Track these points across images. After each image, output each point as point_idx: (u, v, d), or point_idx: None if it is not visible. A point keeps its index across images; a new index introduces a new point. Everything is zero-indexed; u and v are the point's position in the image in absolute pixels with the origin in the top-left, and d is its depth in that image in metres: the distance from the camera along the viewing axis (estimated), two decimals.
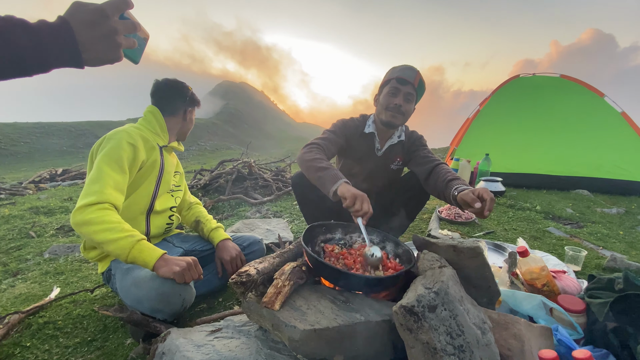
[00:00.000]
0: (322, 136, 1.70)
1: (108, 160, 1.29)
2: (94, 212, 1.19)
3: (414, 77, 1.61)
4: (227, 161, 5.16)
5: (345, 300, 1.01)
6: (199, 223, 1.73)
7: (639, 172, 4.04)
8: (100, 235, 1.17)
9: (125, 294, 1.29)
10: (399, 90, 1.63)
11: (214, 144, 23.77)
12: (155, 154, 1.46)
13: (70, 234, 2.84)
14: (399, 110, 1.63)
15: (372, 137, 1.78)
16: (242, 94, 68.87)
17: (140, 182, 1.43)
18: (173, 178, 1.61)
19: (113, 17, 0.62)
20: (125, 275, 1.30)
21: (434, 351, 0.72)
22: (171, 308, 1.24)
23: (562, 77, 4.83)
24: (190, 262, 1.26)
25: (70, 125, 19.47)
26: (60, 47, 0.57)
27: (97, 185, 1.24)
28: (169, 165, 1.54)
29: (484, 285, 1.02)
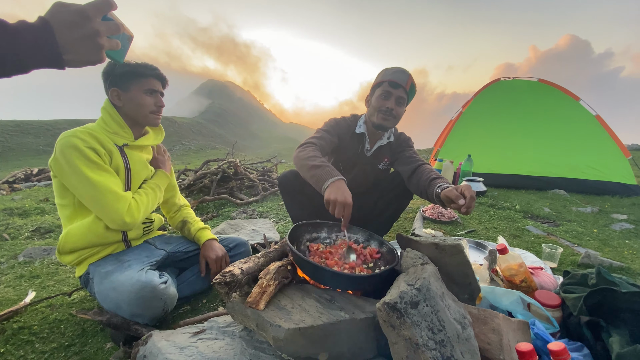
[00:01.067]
0: (317, 135, 1.69)
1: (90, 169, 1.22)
2: (134, 212, 1.30)
3: (406, 80, 1.63)
4: (212, 161, 5.09)
5: (330, 298, 1.02)
6: (186, 223, 1.66)
7: (612, 173, 4.23)
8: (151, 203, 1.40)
9: (103, 298, 1.25)
10: (390, 93, 1.64)
11: (198, 143, 23.39)
12: (115, 157, 1.32)
13: (46, 236, 2.73)
14: (390, 113, 1.65)
15: (362, 137, 1.79)
16: (228, 93, 68.03)
17: None
18: (149, 175, 1.50)
19: (95, 18, 0.61)
20: (104, 279, 1.26)
21: (416, 346, 0.74)
22: (152, 312, 1.21)
23: (540, 82, 5.00)
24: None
25: (47, 124, 18.77)
26: (40, 48, 0.56)
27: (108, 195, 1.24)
28: (137, 163, 1.40)
29: (465, 281, 1.05)
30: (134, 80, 1.34)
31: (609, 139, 4.40)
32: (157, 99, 1.40)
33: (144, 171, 1.45)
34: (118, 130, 1.36)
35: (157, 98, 1.41)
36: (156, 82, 1.39)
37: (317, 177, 1.35)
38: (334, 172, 1.34)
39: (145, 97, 1.36)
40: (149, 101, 1.37)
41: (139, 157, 1.42)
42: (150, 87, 1.37)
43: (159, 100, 1.41)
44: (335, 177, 1.31)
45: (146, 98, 1.36)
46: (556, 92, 4.82)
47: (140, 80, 1.35)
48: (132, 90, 1.34)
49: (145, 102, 1.36)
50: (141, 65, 1.36)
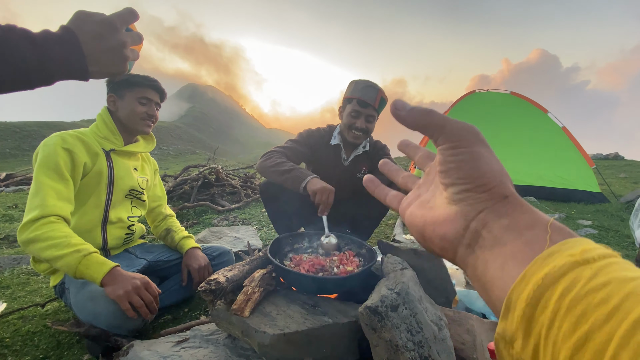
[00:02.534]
0: (284, 145, 1.75)
1: (45, 170, 1.20)
2: (38, 228, 1.13)
3: (375, 98, 1.67)
4: (192, 167, 5.02)
5: (314, 304, 1.04)
6: (169, 232, 1.63)
7: (577, 181, 4.50)
8: (47, 252, 1.12)
9: (80, 309, 1.21)
10: (360, 113, 1.69)
11: (177, 148, 22.89)
12: (100, 161, 1.33)
13: (15, 245, 2.61)
14: (361, 130, 1.72)
15: (338, 148, 1.84)
16: (209, 97, 67.10)
17: (89, 192, 1.33)
18: (136, 182, 1.48)
19: (122, 29, 0.60)
20: (81, 289, 1.23)
21: (395, 348, 0.78)
22: (131, 324, 1.19)
23: (512, 94, 5.28)
24: (138, 285, 1.16)
25: (15, 126, 17.82)
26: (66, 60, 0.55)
27: (37, 198, 1.17)
28: (121, 169, 1.41)
29: (442, 285, 1.11)
30: (130, 88, 1.40)
31: (574, 149, 4.69)
32: (149, 108, 1.44)
33: (127, 177, 1.44)
34: (108, 136, 1.40)
35: (149, 107, 1.45)
36: (152, 93, 1.45)
37: (292, 179, 1.44)
38: (307, 172, 1.44)
39: (138, 105, 1.41)
40: (141, 109, 1.42)
41: (124, 163, 1.44)
42: (144, 95, 1.42)
43: (151, 109, 1.45)
44: (311, 176, 1.42)
45: (138, 106, 1.41)
46: (527, 104, 5.10)
47: (135, 89, 1.41)
48: (126, 97, 1.40)
49: (137, 110, 1.41)
50: (140, 76, 1.43)
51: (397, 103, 0.30)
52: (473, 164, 0.26)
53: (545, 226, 0.23)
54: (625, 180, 6.78)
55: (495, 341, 0.22)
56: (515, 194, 0.26)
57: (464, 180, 0.26)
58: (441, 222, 0.27)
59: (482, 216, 0.25)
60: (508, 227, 0.24)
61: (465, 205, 0.26)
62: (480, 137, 0.27)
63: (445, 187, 0.27)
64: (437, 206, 0.29)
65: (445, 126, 0.27)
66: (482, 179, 0.25)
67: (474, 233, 0.25)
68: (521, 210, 0.24)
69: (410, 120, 0.29)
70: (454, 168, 0.26)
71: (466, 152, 0.26)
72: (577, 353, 0.16)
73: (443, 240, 0.27)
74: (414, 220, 0.30)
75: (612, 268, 0.18)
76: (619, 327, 0.15)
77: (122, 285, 1.14)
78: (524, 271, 0.20)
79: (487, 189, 0.25)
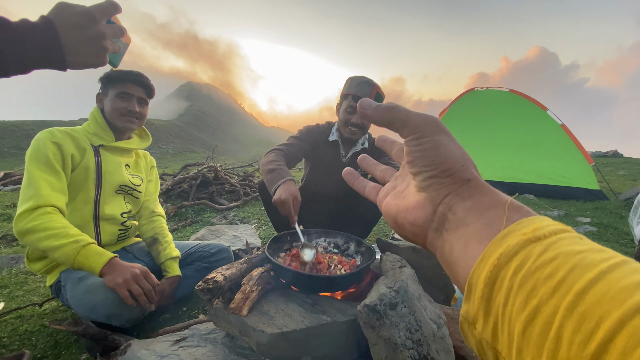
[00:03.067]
0: (286, 142, 1.76)
1: (36, 162, 1.21)
2: (36, 219, 1.13)
3: (369, 93, 1.67)
4: (191, 165, 5.01)
5: (313, 302, 1.04)
6: (156, 242, 1.53)
7: (576, 178, 4.50)
8: (45, 242, 1.11)
9: (77, 303, 1.21)
10: (355, 109, 1.69)
11: (176, 146, 22.83)
12: (87, 156, 1.33)
13: (13, 244, 2.60)
14: (357, 126, 1.72)
15: (336, 144, 1.85)
16: (208, 96, 66.92)
17: (78, 187, 1.32)
18: (126, 179, 1.45)
19: (101, 21, 0.60)
20: (78, 284, 1.23)
21: (394, 346, 0.77)
22: (129, 313, 1.18)
23: (511, 92, 5.27)
24: (137, 274, 1.16)
25: (14, 125, 17.77)
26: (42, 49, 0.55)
27: (31, 189, 1.17)
28: (110, 164, 1.39)
29: (441, 283, 1.10)
30: (112, 84, 1.38)
31: (573, 146, 4.69)
32: (129, 104, 1.39)
33: (116, 173, 1.42)
34: (98, 132, 1.39)
35: (129, 102, 1.40)
36: (133, 87, 1.40)
37: (269, 181, 1.44)
38: (284, 174, 1.42)
39: (118, 100, 1.38)
40: (120, 105, 1.38)
41: (114, 159, 1.42)
42: (124, 90, 1.38)
43: (131, 105, 1.40)
44: (284, 179, 1.39)
45: (118, 102, 1.38)
46: (526, 102, 5.09)
47: (117, 85, 1.38)
48: (109, 94, 1.39)
49: (117, 106, 1.38)
50: (122, 71, 1.39)
51: (364, 102, 0.32)
52: (435, 151, 0.27)
53: (504, 206, 0.24)
54: (624, 178, 6.79)
55: (460, 324, 0.23)
56: (478, 177, 0.27)
57: (428, 167, 0.27)
58: (411, 209, 0.29)
59: (447, 200, 0.26)
60: (470, 209, 0.25)
61: (432, 190, 0.27)
62: (441, 125, 0.28)
63: (413, 175, 0.29)
64: (409, 195, 0.30)
65: (408, 120, 0.29)
66: (444, 164, 0.27)
67: (441, 217, 0.26)
68: (483, 192, 0.26)
69: (377, 117, 0.31)
70: (418, 157, 0.28)
71: (428, 140, 0.27)
72: (529, 327, 0.17)
73: (414, 225, 0.28)
74: (389, 210, 0.32)
75: (561, 243, 0.19)
76: (563, 298, 0.16)
77: (121, 274, 1.14)
78: (482, 252, 0.21)
79: (450, 174, 0.26)
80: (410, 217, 0.29)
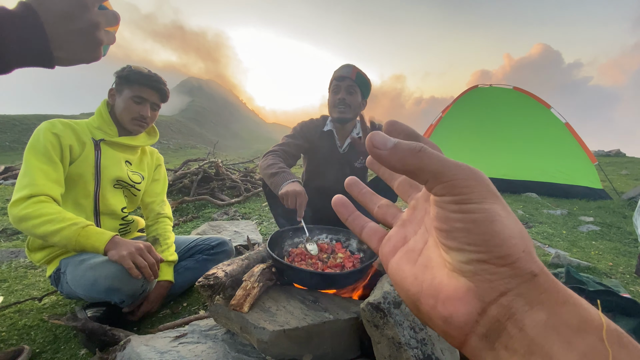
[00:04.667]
0: (281, 142, 1.79)
1: (34, 152, 1.21)
2: (29, 206, 1.13)
3: (351, 71, 1.72)
4: (192, 161, 4.99)
5: (315, 299, 1.02)
6: (156, 242, 1.48)
7: (580, 177, 4.47)
8: (41, 228, 1.12)
9: (77, 282, 1.22)
10: (339, 86, 1.74)
11: (177, 142, 22.83)
12: (87, 149, 1.32)
13: (13, 238, 2.59)
14: (343, 103, 1.73)
15: (331, 134, 1.87)
16: (210, 91, 66.78)
17: (77, 180, 1.31)
18: (125, 174, 1.42)
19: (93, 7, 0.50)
20: (79, 265, 1.24)
21: (398, 345, 0.76)
22: (131, 287, 1.19)
23: (515, 89, 5.23)
24: (141, 247, 1.19)
25: (14, 119, 17.76)
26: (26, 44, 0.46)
27: (26, 178, 1.18)
28: (109, 159, 1.37)
29: None
30: (128, 85, 1.37)
31: (577, 145, 4.65)
32: (142, 108, 1.39)
33: (115, 168, 1.39)
34: (102, 126, 1.38)
35: (143, 107, 1.39)
36: (149, 92, 1.39)
37: (275, 184, 1.46)
38: (288, 176, 1.45)
39: (132, 103, 1.37)
40: (134, 108, 1.38)
41: (113, 154, 1.40)
42: (140, 94, 1.37)
43: (144, 110, 1.40)
44: (289, 180, 1.42)
45: (132, 105, 1.37)
46: (530, 99, 5.05)
47: (133, 87, 1.36)
48: (124, 93, 1.37)
49: (130, 109, 1.38)
50: (139, 73, 1.37)
51: (375, 138, 0.22)
52: (488, 226, 0.19)
53: (598, 331, 0.17)
54: (627, 177, 6.75)
55: None
56: (545, 269, 0.20)
57: (477, 248, 0.19)
58: (445, 297, 0.21)
59: (506, 301, 0.19)
60: (547, 326, 0.18)
61: (480, 281, 0.19)
62: (492, 187, 0.21)
63: (448, 249, 0.21)
64: (436, 268, 0.22)
65: (444, 172, 0.20)
66: (501, 249, 0.19)
67: (495, 323, 0.19)
68: (558, 298, 0.18)
69: (395, 162, 0.21)
70: (461, 229, 0.20)
71: (477, 209, 0.19)
72: None
73: (447, 323, 0.21)
74: (403, 280, 0.24)
75: None
76: None
77: (126, 247, 1.17)
78: None
79: (509, 262, 0.19)
80: (444, 310, 0.21)
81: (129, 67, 1.39)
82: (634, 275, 1.99)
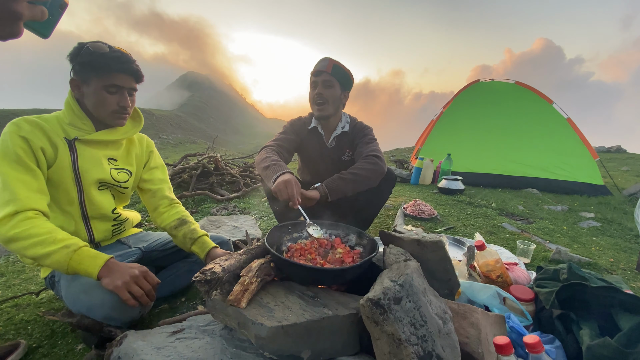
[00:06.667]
0: (274, 138, 1.79)
1: (7, 161, 1.07)
2: (17, 225, 1.02)
3: (326, 65, 1.70)
4: (191, 155, 4.96)
5: (314, 295, 1.01)
6: (184, 222, 1.42)
7: (580, 173, 4.45)
8: (32, 250, 1.03)
9: (73, 302, 1.14)
10: (316, 82, 1.73)
11: (177, 137, 22.75)
12: (60, 152, 1.17)
13: None
14: (321, 98, 1.73)
15: (316, 131, 1.88)
16: (209, 86, 66.32)
17: (56, 187, 1.19)
18: (108, 175, 1.29)
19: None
20: (72, 282, 1.16)
21: (398, 342, 0.74)
22: (127, 315, 1.13)
23: (517, 84, 5.18)
24: (136, 274, 1.10)
25: (13, 113, 17.69)
26: None
27: (6, 192, 1.05)
28: (87, 161, 1.22)
29: (445, 277, 1.07)
30: (96, 73, 1.15)
31: (578, 141, 4.62)
32: (121, 98, 1.21)
33: (96, 170, 1.25)
34: (75, 122, 1.21)
35: (121, 97, 1.21)
36: (123, 78, 1.19)
37: (267, 177, 1.44)
38: (279, 168, 1.42)
39: (106, 94, 1.18)
40: (111, 100, 1.19)
41: (92, 153, 1.24)
42: (113, 83, 1.18)
43: (123, 99, 1.22)
44: (280, 172, 1.39)
45: (107, 96, 1.18)
46: (531, 94, 5.01)
47: (102, 75, 1.15)
48: (92, 83, 1.17)
49: (106, 101, 1.19)
50: (104, 56, 1.14)
51: None
52: None
53: None
54: (628, 174, 6.73)
55: None
56: None
57: None
58: None
59: None
60: None
61: None
62: None
63: None
64: None
65: None
66: None
67: None
68: None
69: None
70: None
71: None
72: None
73: None
74: None
75: None
76: None
77: (120, 276, 1.07)
78: None
79: None
80: None
81: (88, 49, 1.14)
82: (635, 272, 1.98)
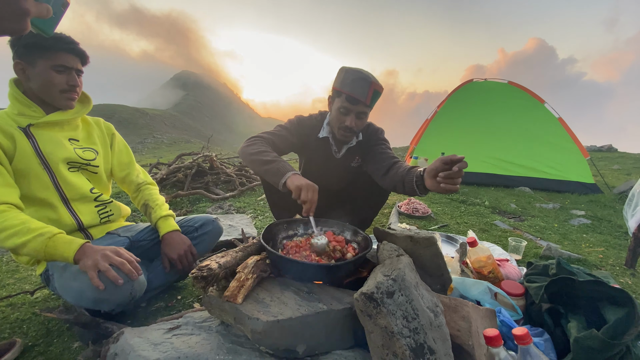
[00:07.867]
0: (272, 131, 1.61)
1: None
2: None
3: (366, 93, 1.45)
4: (186, 154, 4.94)
5: (309, 290, 1.03)
6: (147, 208, 1.45)
7: (572, 172, 4.52)
8: (9, 242, 1.05)
9: (65, 291, 1.16)
10: (349, 110, 1.50)
11: (171, 136, 22.59)
12: (18, 141, 1.17)
13: None
14: (351, 131, 1.56)
15: (327, 141, 1.70)
16: (204, 85, 65.91)
17: (25, 175, 1.19)
18: (73, 154, 1.29)
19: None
20: (64, 272, 1.17)
21: (391, 335, 0.76)
22: (118, 296, 1.11)
23: (510, 84, 5.24)
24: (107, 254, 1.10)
25: None
26: None
27: None
28: (48, 143, 1.23)
29: (438, 273, 1.09)
30: (41, 54, 1.16)
31: (570, 140, 4.69)
32: (69, 77, 1.22)
33: (59, 150, 1.25)
34: (24, 110, 1.21)
35: (70, 76, 1.22)
36: (70, 58, 1.21)
37: (273, 171, 1.33)
38: (289, 166, 1.34)
39: (54, 74, 1.19)
40: (59, 79, 1.20)
41: (51, 136, 1.25)
42: (60, 62, 1.19)
43: (72, 79, 1.23)
44: (292, 172, 1.32)
45: (55, 76, 1.19)
46: (524, 94, 5.07)
47: (49, 55, 1.17)
48: (38, 65, 1.17)
49: (54, 81, 1.19)
50: (52, 37, 1.14)
51: None
52: None
53: None
54: (618, 172, 6.85)
55: None
56: None
57: None
58: None
59: None
60: None
61: None
62: None
63: None
64: None
65: None
66: None
67: None
68: None
69: None
70: None
71: None
72: None
73: None
74: None
75: None
76: None
77: (90, 256, 1.08)
78: None
79: None
80: None
81: (30, 32, 1.25)
82: (623, 267, 2.03)
